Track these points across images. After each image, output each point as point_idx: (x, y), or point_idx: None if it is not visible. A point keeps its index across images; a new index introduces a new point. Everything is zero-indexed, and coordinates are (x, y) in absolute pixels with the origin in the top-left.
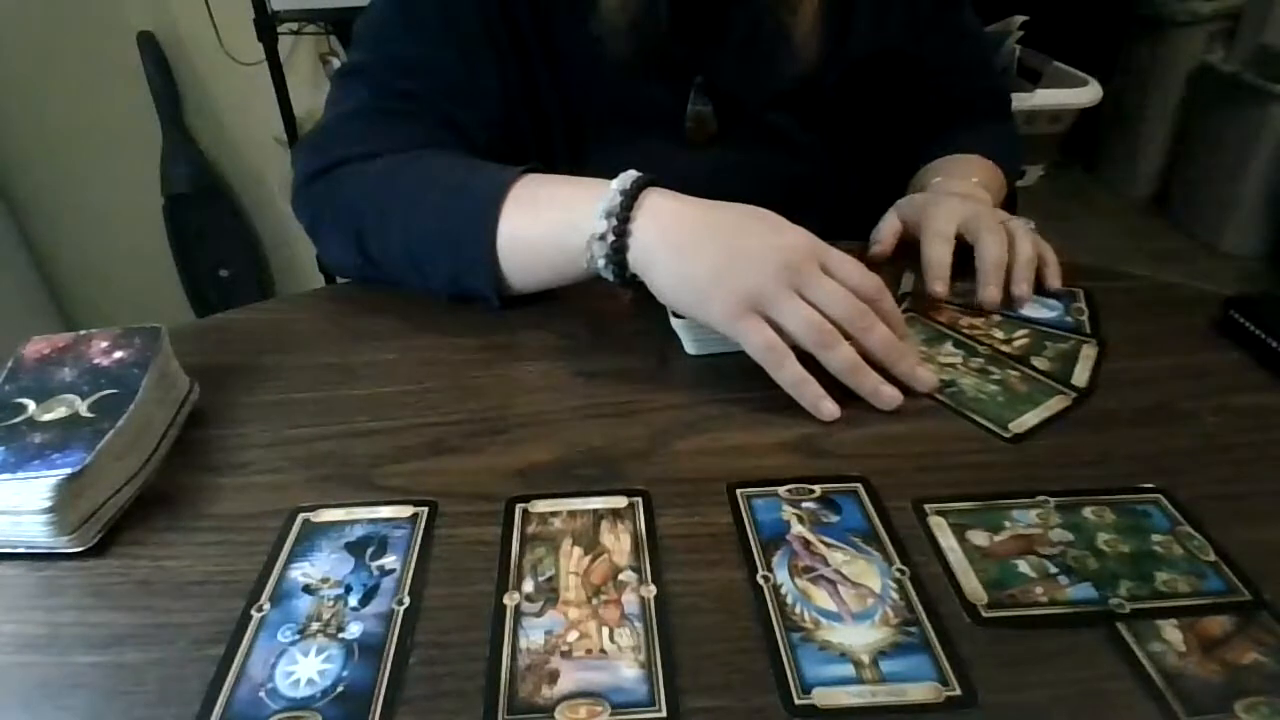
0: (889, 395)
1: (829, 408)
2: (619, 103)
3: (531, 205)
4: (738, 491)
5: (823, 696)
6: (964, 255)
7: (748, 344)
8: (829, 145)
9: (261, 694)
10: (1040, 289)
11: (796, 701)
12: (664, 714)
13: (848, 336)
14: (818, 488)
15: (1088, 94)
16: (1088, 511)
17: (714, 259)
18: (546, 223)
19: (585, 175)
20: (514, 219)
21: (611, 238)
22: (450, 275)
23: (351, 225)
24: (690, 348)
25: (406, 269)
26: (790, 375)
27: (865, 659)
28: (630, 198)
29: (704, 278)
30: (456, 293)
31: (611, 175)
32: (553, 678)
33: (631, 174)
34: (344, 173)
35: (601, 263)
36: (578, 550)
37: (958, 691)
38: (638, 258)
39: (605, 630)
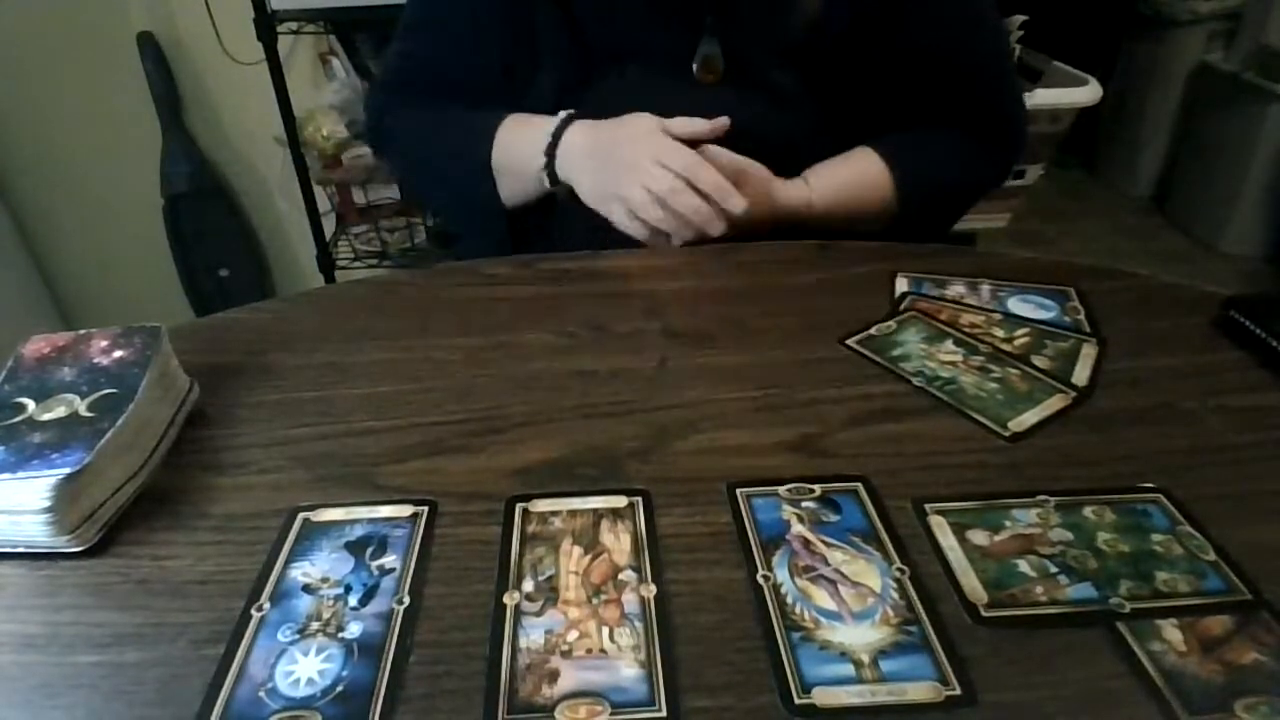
0: (737, 203)
1: (737, 202)
2: (629, 41)
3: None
4: (738, 491)
5: (823, 696)
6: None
7: (617, 217)
8: (824, 108)
9: (261, 694)
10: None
11: (796, 701)
12: (664, 713)
13: None
14: (818, 487)
15: (1088, 94)
16: (1088, 511)
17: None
18: (517, 151)
19: (591, 105)
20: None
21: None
22: (462, 182)
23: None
24: None
25: (431, 186)
26: (684, 204)
27: (865, 658)
28: (555, 137)
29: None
30: (468, 199)
31: (617, 108)
32: (553, 677)
33: (561, 117)
34: (390, 122)
35: (547, 183)
36: (578, 550)
37: (958, 691)
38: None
39: (605, 630)
